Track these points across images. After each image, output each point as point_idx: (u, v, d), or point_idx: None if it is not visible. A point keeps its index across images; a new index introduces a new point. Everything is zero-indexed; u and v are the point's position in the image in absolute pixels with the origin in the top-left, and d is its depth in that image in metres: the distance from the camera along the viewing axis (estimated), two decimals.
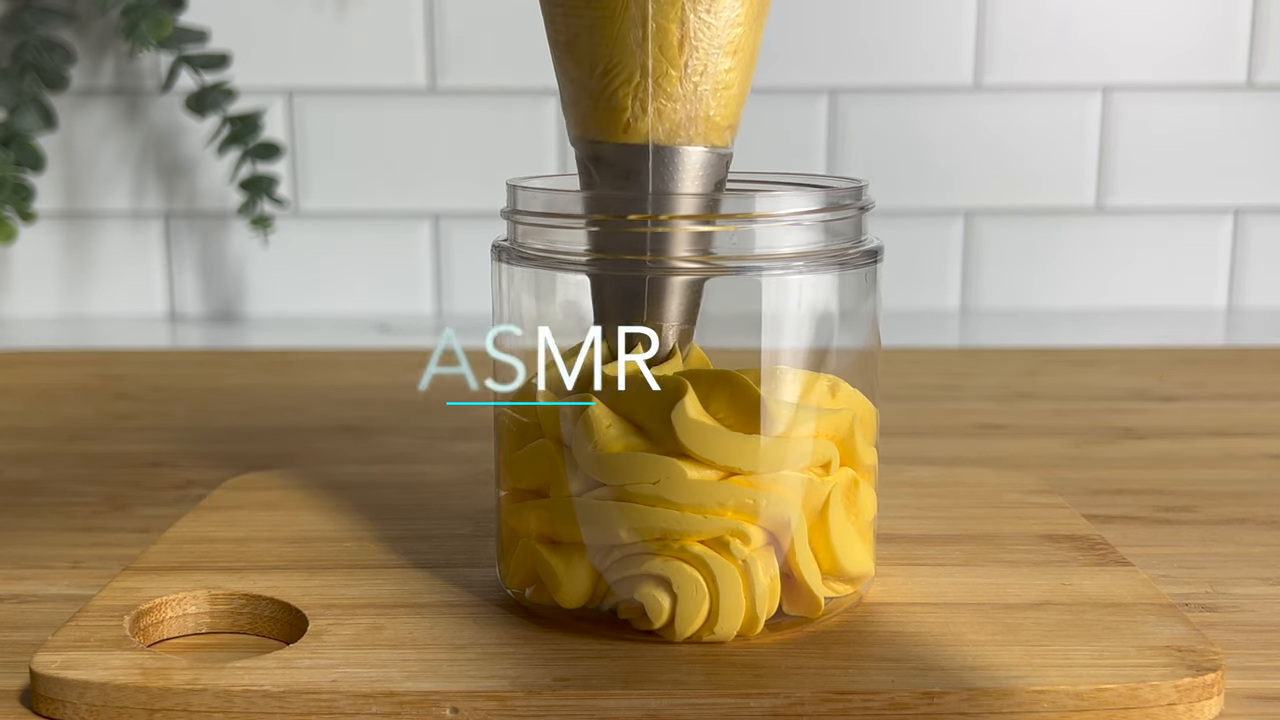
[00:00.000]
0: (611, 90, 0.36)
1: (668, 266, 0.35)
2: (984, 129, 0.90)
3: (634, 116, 0.36)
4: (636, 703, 0.33)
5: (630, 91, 0.36)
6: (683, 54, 0.35)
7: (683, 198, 0.36)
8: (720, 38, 0.35)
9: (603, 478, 0.35)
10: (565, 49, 0.37)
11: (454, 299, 0.92)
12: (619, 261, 0.36)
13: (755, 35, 0.37)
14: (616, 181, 0.36)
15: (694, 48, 0.35)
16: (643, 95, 0.35)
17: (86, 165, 0.90)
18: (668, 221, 0.35)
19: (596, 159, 0.37)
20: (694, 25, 0.35)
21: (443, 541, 0.43)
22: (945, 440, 0.61)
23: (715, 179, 0.37)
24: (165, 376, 0.75)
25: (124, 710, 0.33)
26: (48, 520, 0.49)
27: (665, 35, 0.35)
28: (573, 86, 0.37)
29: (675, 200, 0.36)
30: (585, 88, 0.36)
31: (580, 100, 0.37)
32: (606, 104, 0.36)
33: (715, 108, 0.36)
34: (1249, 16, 0.89)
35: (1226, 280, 0.93)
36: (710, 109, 0.36)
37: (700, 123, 0.36)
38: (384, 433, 0.62)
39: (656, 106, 0.35)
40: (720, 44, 0.36)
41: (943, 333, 0.87)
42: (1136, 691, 0.33)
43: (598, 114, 0.36)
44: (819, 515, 0.36)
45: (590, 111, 0.36)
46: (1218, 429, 0.62)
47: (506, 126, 0.90)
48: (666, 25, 0.35)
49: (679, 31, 0.35)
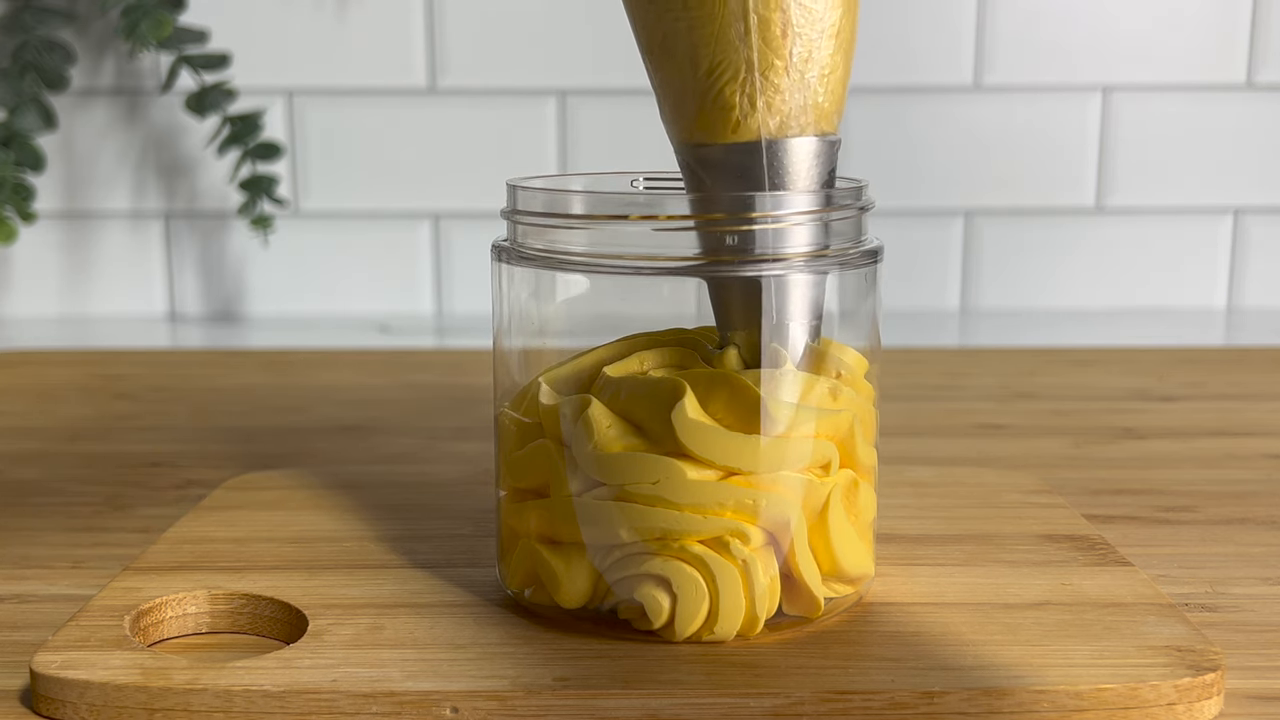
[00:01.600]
0: (717, 90, 0.35)
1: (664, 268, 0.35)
2: (984, 129, 0.90)
3: (743, 114, 0.35)
4: (636, 703, 0.33)
5: (737, 88, 0.35)
6: (786, 43, 0.34)
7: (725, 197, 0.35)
8: (822, 22, 0.35)
9: (603, 478, 0.35)
10: (662, 53, 0.36)
11: (454, 299, 0.92)
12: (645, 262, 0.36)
13: (853, 16, 0.36)
14: (729, 183, 0.36)
15: (797, 35, 0.34)
16: (751, 91, 0.34)
17: (86, 165, 0.90)
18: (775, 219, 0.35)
19: (705, 162, 0.36)
20: (795, 13, 0.34)
21: (443, 541, 0.43)
22: (945, 440, 0.61)
23: (828, 167, 0.36)
24: (165, 376, 0.75)
25: (124, 710, 0.33)
26: (48, 520, 0.49)
27: (768, 26, 0.34)
28: (673, 91, 0.36)
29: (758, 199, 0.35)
30: (689, 90, 0.35)
31: (684, 104, 0.36)
32: (713, 104, 0.35)
33: (823, 94, 0.35)
34: (1249, 16, 0.89)
35: (1226, 280, 0.93)
36: (818, 96, 0.35)
37: (810, 111, 0.35)
38: (384, 433, 0.62)
39: (765, 100, 0.35)
40: (822, 29, 0.35)
41: (943, 333, 0.87)
42: (1136, 691, 0.33)
43: (705, 116, 0.35)
44: (819, 516, 0.36)
45: (696, 114, 0.35)
46: (1218, 429, 0.62)
47: (506, 126, 0.90)
48: (768, 15, 0.34)
49: (781, 20, 0.34)
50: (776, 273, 0.35)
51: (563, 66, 0.89)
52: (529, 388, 0.38)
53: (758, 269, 0.35)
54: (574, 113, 0.89)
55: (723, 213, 0.35)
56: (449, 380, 0.73)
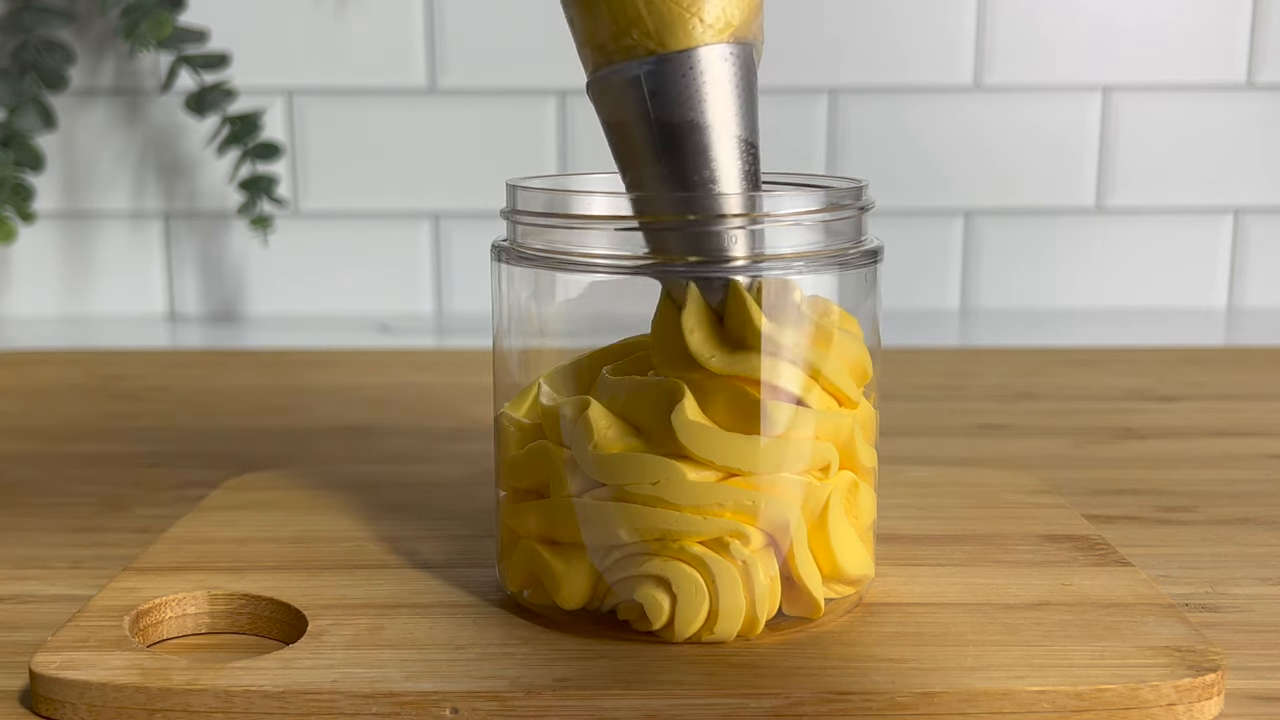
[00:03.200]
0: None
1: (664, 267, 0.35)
2: (984, 129, 0.90)
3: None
4: (636, 703, 0.33)
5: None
6: None
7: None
8: None
9: (602, 478, 0.35)
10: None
11: (454, 299, 0.92)
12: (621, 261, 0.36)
13: None
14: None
15: None
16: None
17: (86, 165, 0.90)
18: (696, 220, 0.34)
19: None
20: None
21: (443, 541, 0.43)
22: (945, 440, 0.61)
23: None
24: (165, 376, 0.75)
25: (124, 710, 0.33)
26: (48, 520, 0.49)
27: None
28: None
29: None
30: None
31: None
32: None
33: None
34: (1249, 16, 0.89)
35: (1226, 280, 0.93)
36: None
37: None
38: (384, 433, 0.62)
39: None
40: None
41: (943, 333, 0.87)
42: (1136, 692, 0.33)
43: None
44: (818, 518, 0.36)
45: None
46: (1218, 429, 0.62)
47: (506, 126, 0.90)
48: None
49: None
50: (776, 273, 0.35)
51: (563, 66, 0.89)
52: (529, 389, 0.38)
53: (757, 269, 0.35)
54: (574, 113, 0.89)
55: (722, 213, 0.35)
56: (449, 380, 0.73)
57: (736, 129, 0.34)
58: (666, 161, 0.34)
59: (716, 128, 0.34)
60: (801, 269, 0.35)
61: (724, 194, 0.35)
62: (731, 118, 0.34)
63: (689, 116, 0.34)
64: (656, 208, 0.35)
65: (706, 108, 0.34)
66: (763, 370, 0.35)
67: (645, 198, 0.35)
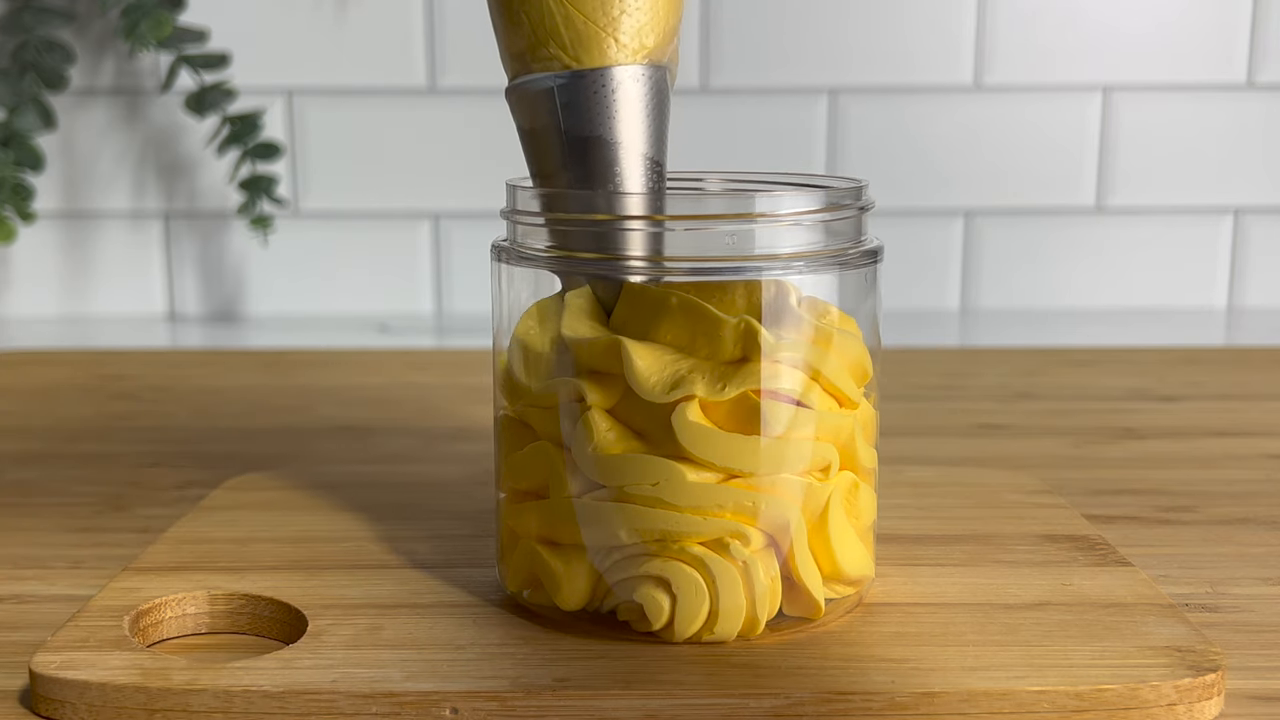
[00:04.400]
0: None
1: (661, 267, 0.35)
2: (984, 129, 0.90)
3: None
4: (636, 703, 0.33)
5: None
6: None
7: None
8: None
9: (602, 479, 0.35)
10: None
11: (454, 299, 0.92)
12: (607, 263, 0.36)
13: None
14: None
15: None
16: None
17: (86, 165, 0.90)
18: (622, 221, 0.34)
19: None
20: None
21: (443, 541, 0.43)
22: (945, 440, 0.61)
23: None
24: (165, 376, 0.75)
25: (124, 710, 0.33)
26: (48, 520, 0.49)
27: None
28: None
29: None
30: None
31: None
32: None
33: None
34: (1249, 16, 0.89)
35: (1226, 280, 0.93)
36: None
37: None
38: (384, 433, 0.62)
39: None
40: None
41: (943, 333, 0.87)
42: (1136, 692, 0.33)
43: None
44: (819, 519, 0.36)
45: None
46: (1218, 429, 0.62)
47: (506, 126, 0.89)
48: None
49: None
50: (776, 273, 0.35)
51: None
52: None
53: (757, 269, 0.35)
54: None
55: (721, 213, 0.35)
56: (449, 380, 0.73)
57: (644, 147, 0.36)
58: (574, 171, 0.36)
59: (624, 145, 0.35)
60: (801, 269, 0.35)
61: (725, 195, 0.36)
62: (640, 136, 0.35)
63: (598, 132, 0.35)
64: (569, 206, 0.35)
65: (616, 125, 0.35)
66: (763, 372, 0.35)
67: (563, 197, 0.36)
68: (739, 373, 0.35)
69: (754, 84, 0.89)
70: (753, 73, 0.89)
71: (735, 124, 0.89)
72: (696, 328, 0.35)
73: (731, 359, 0.35)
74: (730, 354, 0.35)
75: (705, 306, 0.35)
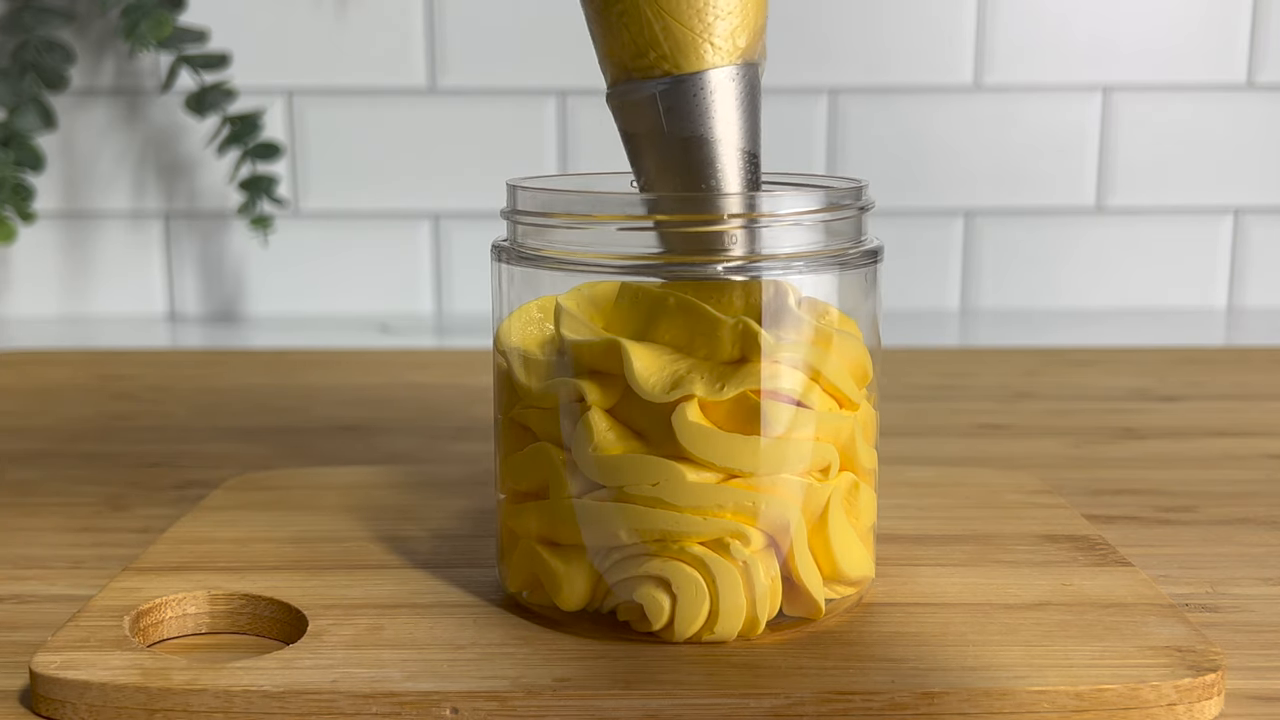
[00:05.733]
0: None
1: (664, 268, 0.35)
2: (984, 129, 0.90)
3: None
4: (636, 703, 0.33)
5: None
6: None
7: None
8: None
9: (602, 480, 0.35)
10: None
11: (454, 299, 0.92)
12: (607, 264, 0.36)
13: None
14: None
15: None
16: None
17: (86, 165, 0.90)
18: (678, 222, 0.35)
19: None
20: None
21: (443, 541, 0.43)
22: (945, 440, 0.61)
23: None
24: (165, 376, 0.75)
25: (124, 710, 0.33)
26: (48, 520, 0.49)
27: None
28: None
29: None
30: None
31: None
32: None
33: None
34: (1249, 16, 0.89)
35: (1226, 280, 0.93)
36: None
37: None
38: (384, 433, 0.62)
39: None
40: None
41: (943, 333, 0.87)
42: (1137, 692, 0.33)
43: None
44: (819, 519, 0.36)
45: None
46: (1218, 429, 0.62)
47: (506, 126, 0.90)
48: None
49: None
50: (776, 273, 0.35)
51: (563, 66, 0.89)
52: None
53: (757, 269, 0.35)
54: (574, 113, 0.89)
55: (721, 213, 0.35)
56: (449, 380, 0.73)
57: (741, 142, 0.37)
58: (677, 171, 0.37)
59: (724, 141, 0.37)
60: (801, 269, 0.35)
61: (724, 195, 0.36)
62: (737, 132, 0.37)
63: (699, 132, 0.36)
64: (664, 209, 0.36)
65: (715, 124, 0.36)
66: (763, 372, 0.35)
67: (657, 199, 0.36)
68: (737, 373, 0.35)
69: None
70: None
71: None
72: (694, 328, 0.35)
73: (730, 359, 0.35)
74: (728, 354, 0.35)
75: (703, 307, 0.35)
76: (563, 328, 0.36)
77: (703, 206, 0.35)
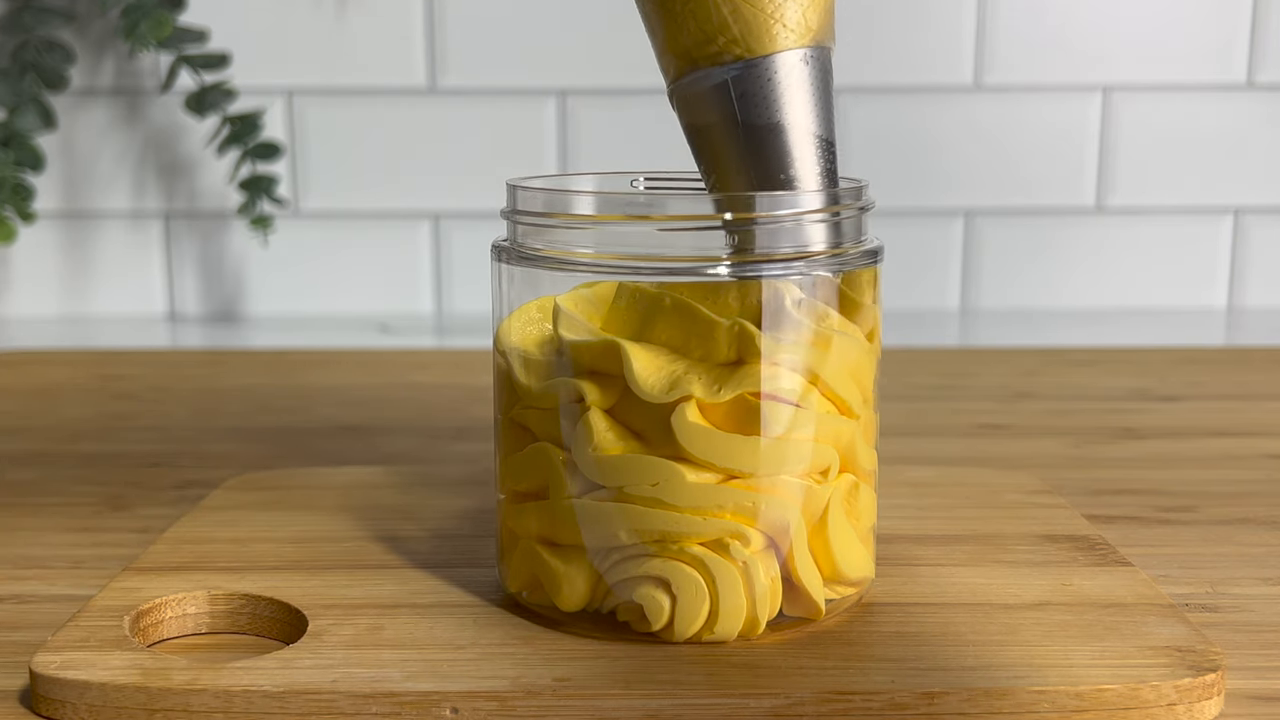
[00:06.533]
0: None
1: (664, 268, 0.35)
2: (984, 129, 0.90)
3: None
4: (636, 703, 0.33)
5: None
6: None
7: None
8: None
9: (602, 480, 0.35)
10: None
11: (454, 299, 0.92)
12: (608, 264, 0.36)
13: None
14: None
15: None
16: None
17: (86, 165, 0.90)
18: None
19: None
20: None
21: (443, 541, 0.43)
22: (945, 440, 0.61)
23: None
24: (165, 376, 0.75)
25: (124, 710, 0.33)
26: (48, 520, 0.49)
27: None
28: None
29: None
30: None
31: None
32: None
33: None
34: (1249, 16, 0.89)
35: (1226, 280, 0.93)
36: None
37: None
38: (384, 433, 0.62)
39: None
40: None
41: (943, 333, 0.87)
42: (1137, 692, 0.33)
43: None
44: (819, 521, 0.36)
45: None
46: (1218, 429, 0.62)
47: (506, 126, 0.90)
48: None
49: None
50: (776, 273, 0.35)
51: (563, 66, 0.89)
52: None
53: (757, 269, 0.35)
54: (574, 113, 0.89)
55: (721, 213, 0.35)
56: (449, 380, 0.73)
57: (815, 128, 0.36)
58: (752, 162, 0.36)
59: (799, 128, 0.35)
60: (801, 269, 0.35)
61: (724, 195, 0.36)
62: (811, 118, 0.36)
63: (774, 118, 0.35)
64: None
65: (789, 109, 0.35)
66: (763, 373, 0.35)
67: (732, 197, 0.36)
68: (735, 375, 0.35)
69: None
70: None
71: None
72: (690, 329, 0.35)
73: (726, 361, 0.35)
74: (724, 356, 0.35)
75: (698, 308, 0.35)
76: (560, 328, 0.36)
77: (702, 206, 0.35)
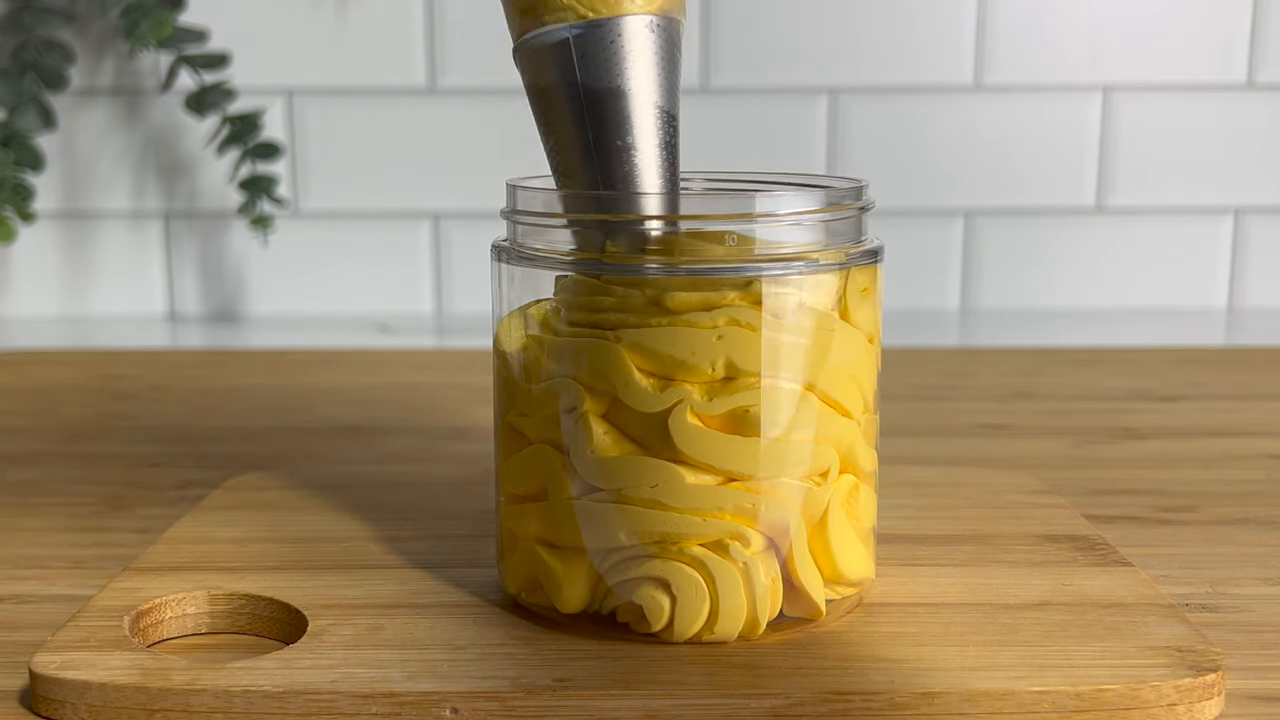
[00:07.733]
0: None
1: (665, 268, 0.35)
2: (984, 129, 0.90)
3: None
4: (636, 703, 0.33)
5: None
6: None
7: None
8: None
9: (601, 482, 0.35)
10: None
11: (454, 299, 0.92)
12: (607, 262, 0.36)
13: None
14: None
15: None
16: None
17: (86, 165, 0.90)
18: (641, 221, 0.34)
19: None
20: None
21: (443, 541, 0.43)
22: (945, 440, 0.61)
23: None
24: (165, 376, 0.75)
25: (124, 710, 0.33)
26: (48, 520, 0.49)
27: None
28: None
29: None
30: None
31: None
32: None
33: None
34: (1249, 16, 0.89)
35: (1226, 280, 0.93)
36: None
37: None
38: (384, 433, 0.62)
39: None
40: None
41: (943, 333, 0.87)
42: (1137, 692, 0.33)
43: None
44: (818, 522, 0.36)
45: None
46: (1218, 429, 0.62)
47: (506, 126, 0.90)
48: None
49: None
50: (776, 273, 0.35)
51: None
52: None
53: (757, 269, 0.35)
54: None
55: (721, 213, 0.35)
56: (449, 380, 0.73)
57: (658, 98, 0.35)
58: (590, 126, 0.35)
59: (640, 96, 0.35)
60: (801, 269, 0.35)
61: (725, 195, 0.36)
62: (653, 87, 0.35)
63: (615, 83, 0.35)
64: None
65: (631, 75, 0.35)
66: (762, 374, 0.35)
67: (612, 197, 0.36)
68: (727, 388, 0.34)
69: (754, 84, 0.89)
70: (753, 73, 0.89)
71: (735, 124, 0.89)
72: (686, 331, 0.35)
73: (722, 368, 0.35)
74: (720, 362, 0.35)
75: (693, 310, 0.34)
76: (556, 328, 0.36)
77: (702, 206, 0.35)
